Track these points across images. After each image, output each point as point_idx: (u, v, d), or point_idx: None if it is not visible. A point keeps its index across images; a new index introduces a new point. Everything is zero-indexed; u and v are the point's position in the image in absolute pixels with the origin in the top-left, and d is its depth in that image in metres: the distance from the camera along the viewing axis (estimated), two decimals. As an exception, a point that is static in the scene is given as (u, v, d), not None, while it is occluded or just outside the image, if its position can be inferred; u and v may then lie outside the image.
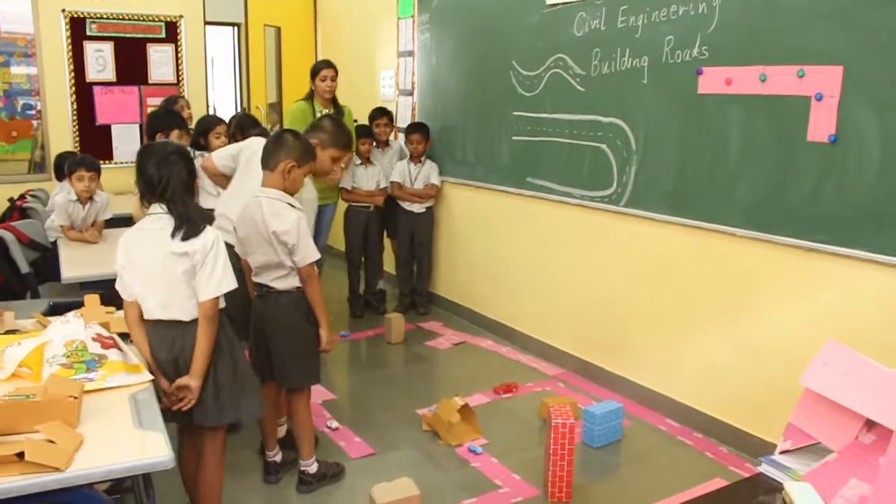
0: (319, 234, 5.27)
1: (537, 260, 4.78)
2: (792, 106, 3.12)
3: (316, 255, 2.91)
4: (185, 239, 2.34)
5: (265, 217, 2.83)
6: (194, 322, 2.41)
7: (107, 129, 6.49)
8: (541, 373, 4.54)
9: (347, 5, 7.03)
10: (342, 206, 5.55)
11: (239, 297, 2.74)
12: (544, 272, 4.73)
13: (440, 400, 3.75)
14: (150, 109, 6.32)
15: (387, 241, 5.85)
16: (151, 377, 2.29)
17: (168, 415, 2.39)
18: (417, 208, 5.52)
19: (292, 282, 2.93)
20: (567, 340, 4.60)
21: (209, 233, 2.40)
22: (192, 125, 4.94)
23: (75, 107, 6.36)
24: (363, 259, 5.68)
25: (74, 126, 6.37)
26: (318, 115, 5.08)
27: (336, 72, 5.19)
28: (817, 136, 3.04)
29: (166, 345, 2.42)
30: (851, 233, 2.97)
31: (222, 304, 2.47)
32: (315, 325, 2.99)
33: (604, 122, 4.08)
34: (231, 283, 2.43)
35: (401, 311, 5.38)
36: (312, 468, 3.15)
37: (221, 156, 3.48)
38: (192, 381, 2.39)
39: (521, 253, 4.92)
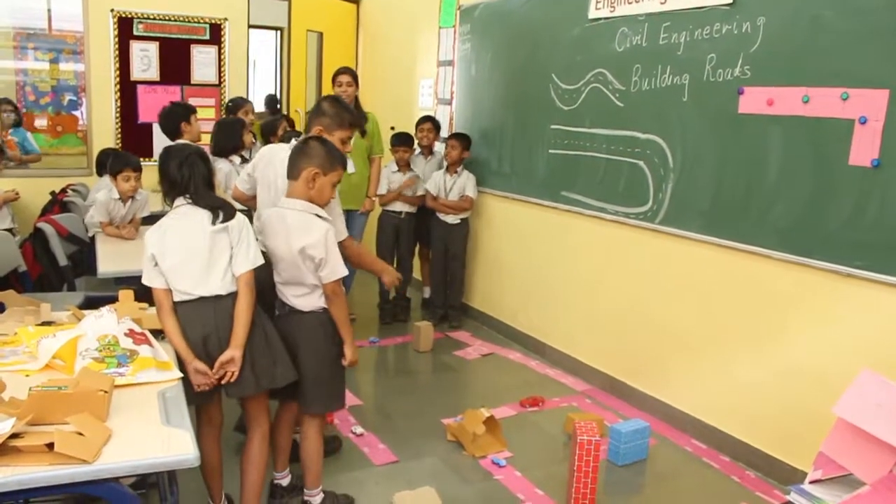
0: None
1: (570, 274, 4.76)
2: (834, 129, 3.08)
3: (344, 272, 2.73)
4: (224, 221, 2.52)
5: (289, 231, 2.66)
6: (228, 297, 2.53)
7: (148, 127, 6.58)
8: (568, 388, 4.51)
9: (390, 13, 7.08)
10: (375, 211, 5.57)
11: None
12: (576, 287, 4.71)
13: (466, 410, 3.74)
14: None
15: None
16: (181, 375, 2.31)
17: (201, 395, 2.51)
18: (451, 219, 5.48)
19: (316, 301, 2.76)
20: (596, 356, 4.56)
21: (239, 214, 2.61)
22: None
23: (119, 104, 6.48)
24: (395, 265, 5.69)
25: (117, 123, 6.48)
26: None
27: (353, 77, 5.17)
28: (859, 160, 2.99)
29: (199, 323, 2.50)
30: (891, 259, 2.91)
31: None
32: (340, 343, 2.82)
33: (642, 138, 4.05)
34: (261, 258, 2.61)
35: (433, 323, 5.33)
36: (317, 499, 2.96)
37: (241, 181, 3.36)
38: (236, 351, 2.49)
39: (553, 266, 4.90)
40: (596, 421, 3.54)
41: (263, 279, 2.75)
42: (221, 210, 2.55)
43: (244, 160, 4.66)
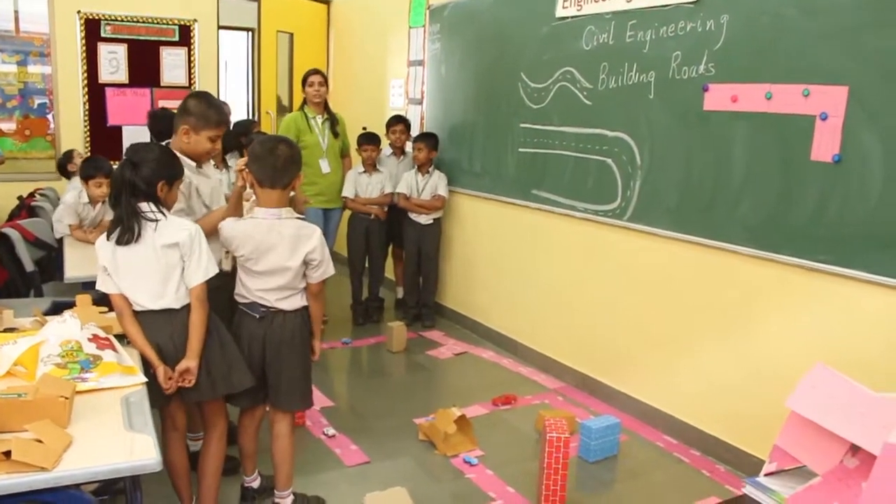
0: (325, 238, 5.31)
1: (540, 272, 4.78)
2: (797, 125, 3.11)
3: (333, 271, 2.79)
4: (125, 243, 2.42)
5: (289, 242, 2.67)
6: (183, 309, 2.52)
7: (118, 130, 6.53)
8: (540, 385, 4.52)
9: (360, 14, 7.06)
10: (347, 212, 5.57)
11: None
12: (547, 284, 4.73)
13: (438, 410, 3.74)
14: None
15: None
16: (145, 379, 2.29)
17: (163, 397, 2.51)
18: (424, 220, 5.47)
19: (299, 301, 2.78)
20: (567, 354, 4.59)
21: (189, 224, 2.55)
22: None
23: (87, 107, 6.41)
24: (366, 266, 5.69)
25: (86, 126, 6.42)
26: (311, 122, 5.17)
27: (324, 78, 5.29)
28: (821, 155, 3.03)
29: (154, 334, 2.50)
30: (854, 253, 2.95)
31: None
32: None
33: (609, 136, 4.07)
34: (215, 268, 2.58)
35: (406, 323, 5.33)
36: (287, 501, 2.93)
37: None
38: (191, 362, 2.50)
39: (524, 264, 4.92)
40: (567, 418, 3.57)
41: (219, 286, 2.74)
42: (123, 226, 2.42)
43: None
